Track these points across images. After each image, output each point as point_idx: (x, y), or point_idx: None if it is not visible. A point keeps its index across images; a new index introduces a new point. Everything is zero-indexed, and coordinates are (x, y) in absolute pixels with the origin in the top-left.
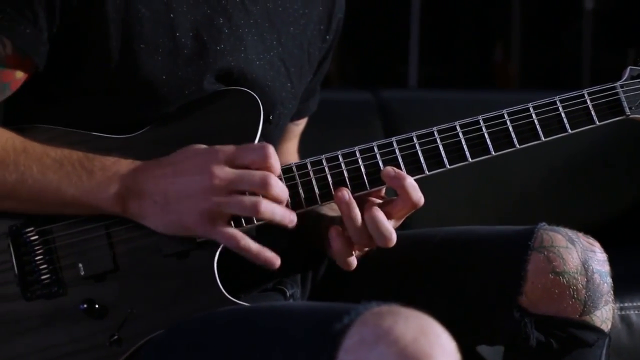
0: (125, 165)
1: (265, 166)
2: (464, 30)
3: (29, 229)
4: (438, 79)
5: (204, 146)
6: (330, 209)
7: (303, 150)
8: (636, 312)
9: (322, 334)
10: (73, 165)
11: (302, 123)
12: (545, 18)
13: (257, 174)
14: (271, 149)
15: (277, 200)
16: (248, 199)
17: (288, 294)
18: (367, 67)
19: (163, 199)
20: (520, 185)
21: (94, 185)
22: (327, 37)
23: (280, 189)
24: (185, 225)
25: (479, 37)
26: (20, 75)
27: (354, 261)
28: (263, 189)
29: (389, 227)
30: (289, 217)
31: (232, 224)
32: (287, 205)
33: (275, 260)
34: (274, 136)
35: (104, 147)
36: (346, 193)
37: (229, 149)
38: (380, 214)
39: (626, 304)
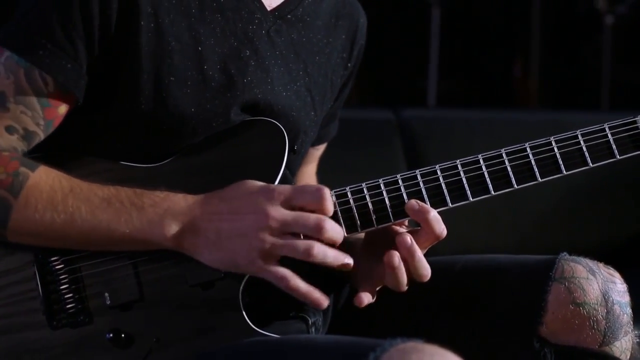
0: (176, 201)
1: (320, 209)
2: (484, 46)
3: (54, 258)
4: (457, 95)
5: (259, 183)
6: None
7: (323, 169)
8: None
9: None
10: (122, 203)
11: (322, 148)
12: (565, 33)
13: (312, 217)
14: (327, 192)
15: (331, 243)
16: (302, 242)
17: (310, 322)
18: (385, 83)
19: (215, 236)
20: (540, 208)
21: (145, 223)
22: (349, 64)
23: (334, 232)
24: (237, 263)
25: (499, 53)
26: (63, 111)
27: (374, 297)
28: (318, 233)
29: (428, 266)
30: (343, 260)
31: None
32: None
33: (324, 301)
34: (296, 163)
35: (131, 176)
36: (397, 259)
37: (285, 189)
38: (421, 255)
39: None
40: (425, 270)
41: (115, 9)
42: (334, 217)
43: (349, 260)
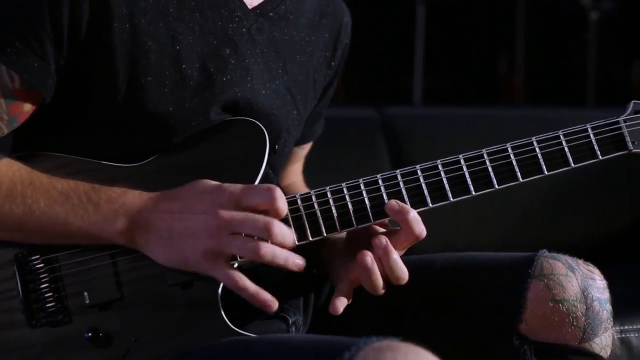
0: (131, 197)
1: (272, 209)
2: (469, 42)
3: (34, 257)
4: (443, 92)
5: (212, 183)
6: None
7: (308, 166)
8: (636, 335)
9: None
10: (79, 198)
11: (307, 147)
12: (550, 29)
13: (261, 219)
14: (278, 192)
15: (281, 246)
16: (250, 243)
17: (290, 321)
18: (371, 81)
19: (167, 234)
20: (523, 205)
21: (100, 218)
22: (333, 63)
23: (283, 235)
24: (187, 262)
25: (484, 50)
26: (28, 108)
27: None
28: (266, 236)
29: (404, 268)
30: (294, 260)
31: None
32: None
33: (273, 303)
34: (279, 163)
35: (111, 176)
36: (369, 259)
37: (236, 189)
38: (397, 257)
39: (626, 327)
40: (402, 272)
41: (86, 10)
42: (314, 219)
43: (300, 261)
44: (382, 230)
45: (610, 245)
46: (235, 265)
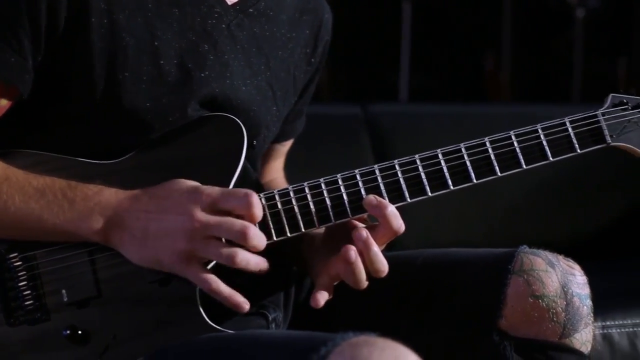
0: (107, 195)
1: (247, 214)
2: (455, 39)
3: (12, 255)
4: (429, 89)
5: (190, 184)
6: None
7: (291, 164)
8: (618, 330)
9: None
10: (55, 194)
11: (288, 144)
12: (536, 27)
13: (237, 224)
14: (255, 198)
15: (254, 250)
16: (225, 250)
17: (270, 318)
18: (358, 78)
19: (142, 234)
20: (507, 201)
21: (75, 215)
22: (313, 60)
23: (258, 240)
24: (161, 262)
25: (470, 47)
26: (4, 103)
27: (331, 293)
28: (241, 240)
29: (385, 261)
30: (263, 267)
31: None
32: (270, 232)
33: (246, 305)
34: (257, 158)
35: (88, 173)
36: (353, 254)
37: (214, 191)
38: (377, 249)
39: (608, 323)
40: (382, 265)
41: (64, 5)
42: (292, 214)
43: (265, 265)
44: (361, 225)
45: (594, 241)
46: (209, 266)
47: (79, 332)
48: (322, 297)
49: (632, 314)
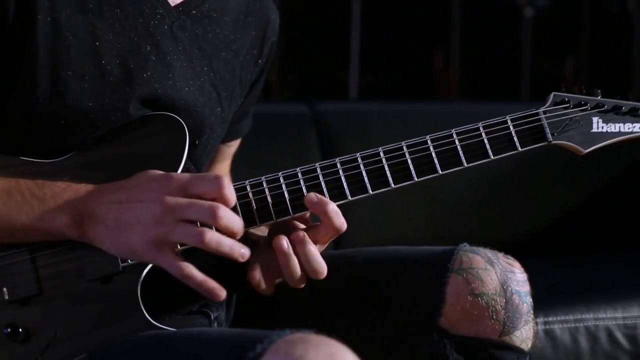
0: (76, 190)
1: (220, 197)
2: (404, 38)
3: None
4: (379, 87)
5: (159, 172)
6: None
7: (237, 164)
8: (560, 326)
9: None
10: (22, 195)
11: (234, 145)
12: (485, 25)
13: (206, 204)
14: (226, 180)
15: (227, 232)
16: (193, 228)
17: (213, 316)
18: (307, 77)
19: (114, 224)
20: (453, 199)
21: (46, 213)
22: (260, 60)
23: (229, 220)
24: (135, 251)
25: (420, 45)
26: None
27: (272, 289)
28: (211, 220)
29: (322, 261)
30: (239, 250)
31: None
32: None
33: (220, 292)
34: (202, 160)
35: (30, 172)
36: (285, 243)
37: (183, 177)
38: (313, 249)
39: (550, 318)
40: (318, 265)
41: (12, 0)
42: (233, 211)
43: (245, 250)
44: (302, 226)
45: (538, 238)
46: (177, 249)
47: (20, 330)
48: (258, 274)
49: (573, 309)
